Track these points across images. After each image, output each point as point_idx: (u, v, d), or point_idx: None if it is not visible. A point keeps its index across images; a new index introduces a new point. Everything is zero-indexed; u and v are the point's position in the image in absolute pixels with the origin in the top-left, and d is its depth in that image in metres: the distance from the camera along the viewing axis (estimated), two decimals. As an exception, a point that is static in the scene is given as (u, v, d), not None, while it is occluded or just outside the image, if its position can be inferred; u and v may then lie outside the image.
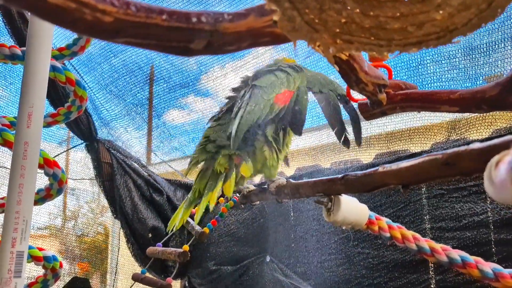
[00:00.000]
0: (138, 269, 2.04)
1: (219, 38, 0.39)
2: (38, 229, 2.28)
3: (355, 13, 0.35)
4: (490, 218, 1.27)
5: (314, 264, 1.68)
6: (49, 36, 0.84)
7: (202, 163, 0.90)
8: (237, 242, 2.03)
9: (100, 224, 2.59)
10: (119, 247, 2.32)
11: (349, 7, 0.35)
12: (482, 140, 1.23)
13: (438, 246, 0.76)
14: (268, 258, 1.90)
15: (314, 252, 1.70)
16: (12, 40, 1.58)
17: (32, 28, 0.82)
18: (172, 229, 0.86)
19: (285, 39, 0.45)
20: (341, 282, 1.58)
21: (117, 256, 2.37)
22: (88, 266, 2.52)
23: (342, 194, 0.73)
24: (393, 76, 1.44)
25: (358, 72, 0.55)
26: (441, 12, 0.35)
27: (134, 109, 2.06)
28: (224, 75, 1.86)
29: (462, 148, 0.47)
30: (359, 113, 0.64)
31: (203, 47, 0.39)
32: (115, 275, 2.31)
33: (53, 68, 1.07)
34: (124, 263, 2.36)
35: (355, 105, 0.88)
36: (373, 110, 0.60)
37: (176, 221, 0.86)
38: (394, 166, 0.57)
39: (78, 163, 2.12)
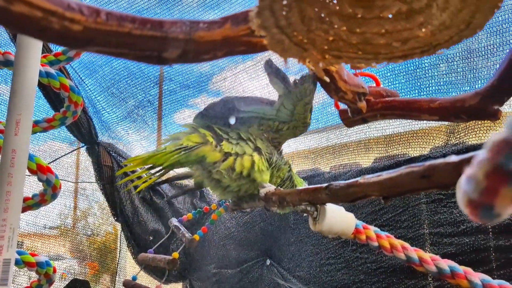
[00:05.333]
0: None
1: (194, 47, 0.39)
2: (50, 229, 2.29)
3: (342, 31, 0.37)
4: (489, 224, 1.25)
5: (314, 269, 1.67)
6: (38, 44, 0.84)
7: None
8: (238, 245, 2.02)
9: (110, 224, 2.60)
10: (120, 249, 2.32)
11: (336, 26, 0.36)
12: (465, 150, 1.22)
13: (427, 255, 0.75)
14: (268, 262, 1.89)
15: (314, 256, 1.69)
16: (14, 47, 1.58)
17: (21, 36, 0.82)
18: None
19: (262, 48, 0.44)
20: (340, 286, 1.57)
21: (125, 257, 2.38)
22: (98, 266, 2.53)
23: (327, 204, 0.72)
24: (392, 80, 1.42)
25: (337, 81, 0.54)
26: (423, 30, 0.36)
27: (136, 111, 2.06)
28: (235, 74, 1.84)
29: (439, 161, 0.46)
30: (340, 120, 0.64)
31: (177, 56, 0.39)
32: (117, 275, 2.32)
33: (47, 74, 1.07)
34: (132, 264, 2.35)
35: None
36: (354, 118, 0.59)
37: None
38: (375, 177, 0.56)
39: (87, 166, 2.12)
